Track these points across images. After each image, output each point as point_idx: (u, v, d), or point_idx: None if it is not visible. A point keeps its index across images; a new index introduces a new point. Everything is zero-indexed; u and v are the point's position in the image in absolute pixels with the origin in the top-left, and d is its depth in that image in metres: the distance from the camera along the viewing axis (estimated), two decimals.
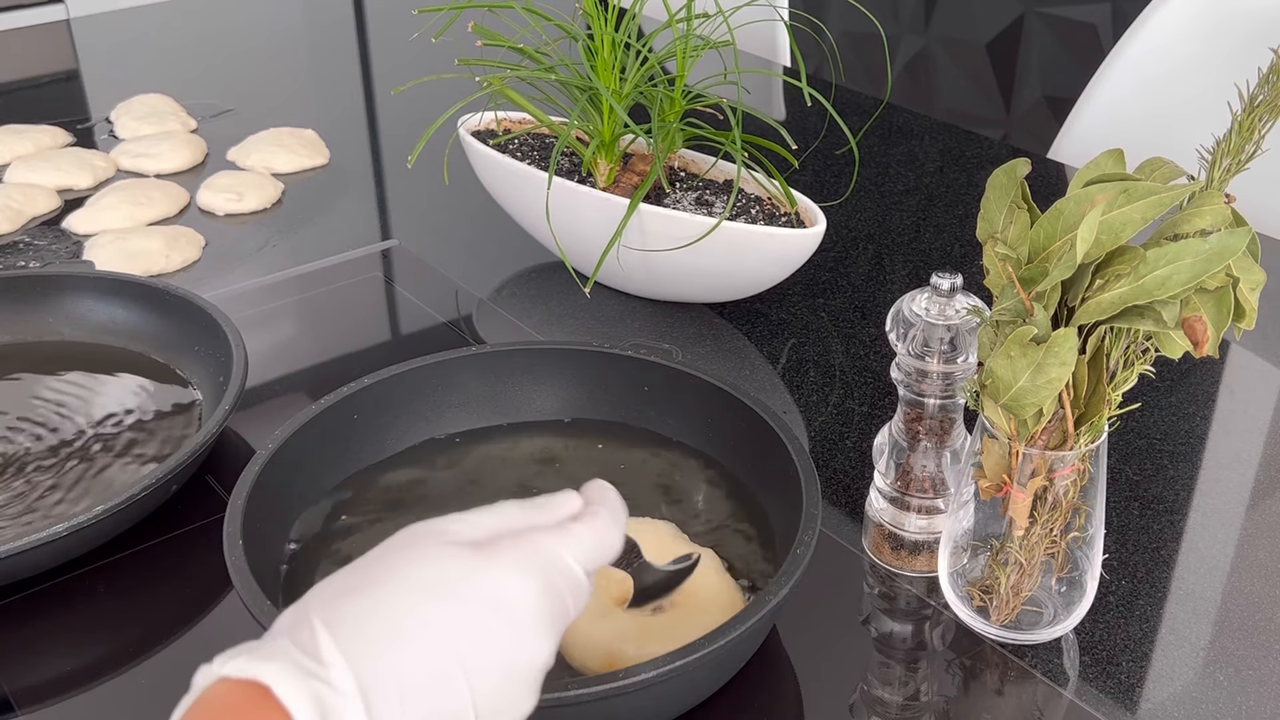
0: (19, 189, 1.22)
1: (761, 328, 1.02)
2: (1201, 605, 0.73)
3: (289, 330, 1.04)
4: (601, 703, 0.57)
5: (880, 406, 0.91)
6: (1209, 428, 0.89)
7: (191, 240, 1.13)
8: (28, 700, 0.67)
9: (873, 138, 1.38)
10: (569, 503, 0.52)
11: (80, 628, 0.72)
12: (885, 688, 0.68)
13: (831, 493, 0.82)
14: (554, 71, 1.00)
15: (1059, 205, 0.59)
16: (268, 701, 0.41)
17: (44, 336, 0.96)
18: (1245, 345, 0.99)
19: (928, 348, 0.68)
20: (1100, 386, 0.62)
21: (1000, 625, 0.69)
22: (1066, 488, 0.64)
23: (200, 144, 1.35)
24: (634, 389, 0.82)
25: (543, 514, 0.51)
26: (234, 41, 1.76)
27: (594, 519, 0.51)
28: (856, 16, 2.51)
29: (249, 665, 0.42)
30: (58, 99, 1.54)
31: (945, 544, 0.70)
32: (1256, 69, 0.59)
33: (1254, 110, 0.59)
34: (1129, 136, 1.27)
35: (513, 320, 1.04)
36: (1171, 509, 0.81)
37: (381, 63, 1.69)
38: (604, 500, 0.52)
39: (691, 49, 0.99)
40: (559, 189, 0.98)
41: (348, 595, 0.45)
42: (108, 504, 0.72)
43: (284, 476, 0.73)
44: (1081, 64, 2.24)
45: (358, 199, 1.26)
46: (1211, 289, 0.58)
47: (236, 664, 0.42)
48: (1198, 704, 0.66)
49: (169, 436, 0.85)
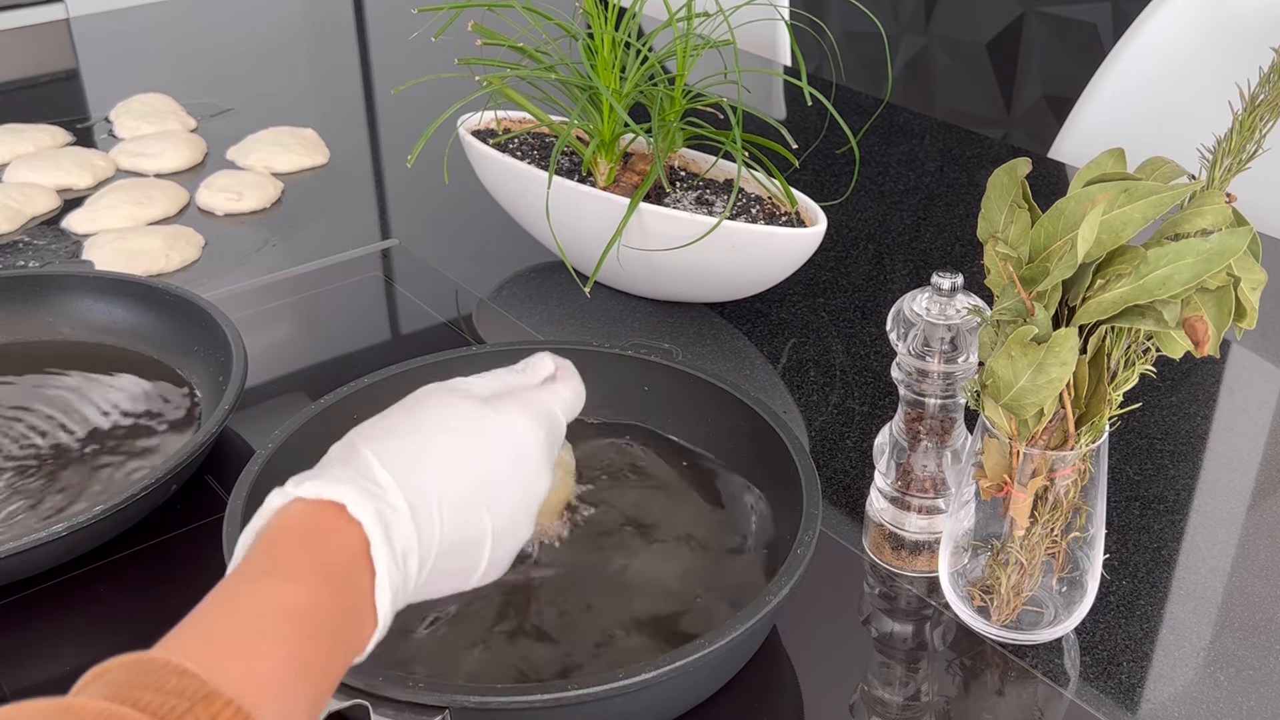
0: (18, 188, 1.21)
1: (761, 328, 1.02)
2: (1202, 605, 0.73)
3: (289, 330, 1.04)
4: (601, 703, 0.57)
5: (881, 406, 0.91)
6: (1210, 427, 0.89)
7: (191, 240, 1.13)
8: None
9: (873, 137, 1.38)
10: (544, 365, 0.64)
11: (80, 628, 0.72)
12: (885, 688, 0.68)
13: (831, 493, 0.82)
14: (554, 71, 1.00)
15: (1060, 205, 0.59)
16: (342, 516, 0.49)
17: (43, 336, 0.96)
18: (1246, 345, 0.99)
19: (928, 347, 0.68)
20: (1101, 386, 0.62)
21: (1001, 625, 0.69)
22: (1067, 488, 0.64)
23: (200, 143, 1.34)
24: (634, 389, 0.82)
25: (528, 375, 0.63)
26: (234, 41, 1.76)
27: (570, 379, 0.64)
28: (857, 16, 2.51)
29: (324, 487, 0.49)
30: (57, 98, 1.54)
31: (946, 544, 0.70)
32: (1257, 68, 0.59)
33: (1255, 109, 0.59)
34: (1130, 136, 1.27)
35: (513, 320, 1.04)
36: (1172, 509, 0.81)
37: (381, 62, 1.69)
38: (568, 365, 0.65)
39: (692, 48, 0.99)
40: (559, 188, 0.98)
41: (391, 434, 0.54)
42: (107, 504, 0.72)
43: (284, 476, 0.72)
44: (1082, 63, 2.24)
45: (357, 199, 1.26)
46: (1212, 288, 0.58)
47: (311, 486, 0.49)
48: (1198, 704, 0.66)
49: (169, 436, 0.85)
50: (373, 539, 0.48)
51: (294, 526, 0.49)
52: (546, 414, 0.60)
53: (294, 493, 0.50)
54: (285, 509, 0.50)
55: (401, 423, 0.55)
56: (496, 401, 0.58)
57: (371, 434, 0.54)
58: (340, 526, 0.49)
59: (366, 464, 0.52)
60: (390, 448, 0.53)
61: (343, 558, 0.48)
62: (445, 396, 0.57)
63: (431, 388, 0.59)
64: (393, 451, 0.52)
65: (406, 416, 0.56)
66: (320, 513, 0.49)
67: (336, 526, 0.49)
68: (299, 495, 0.49)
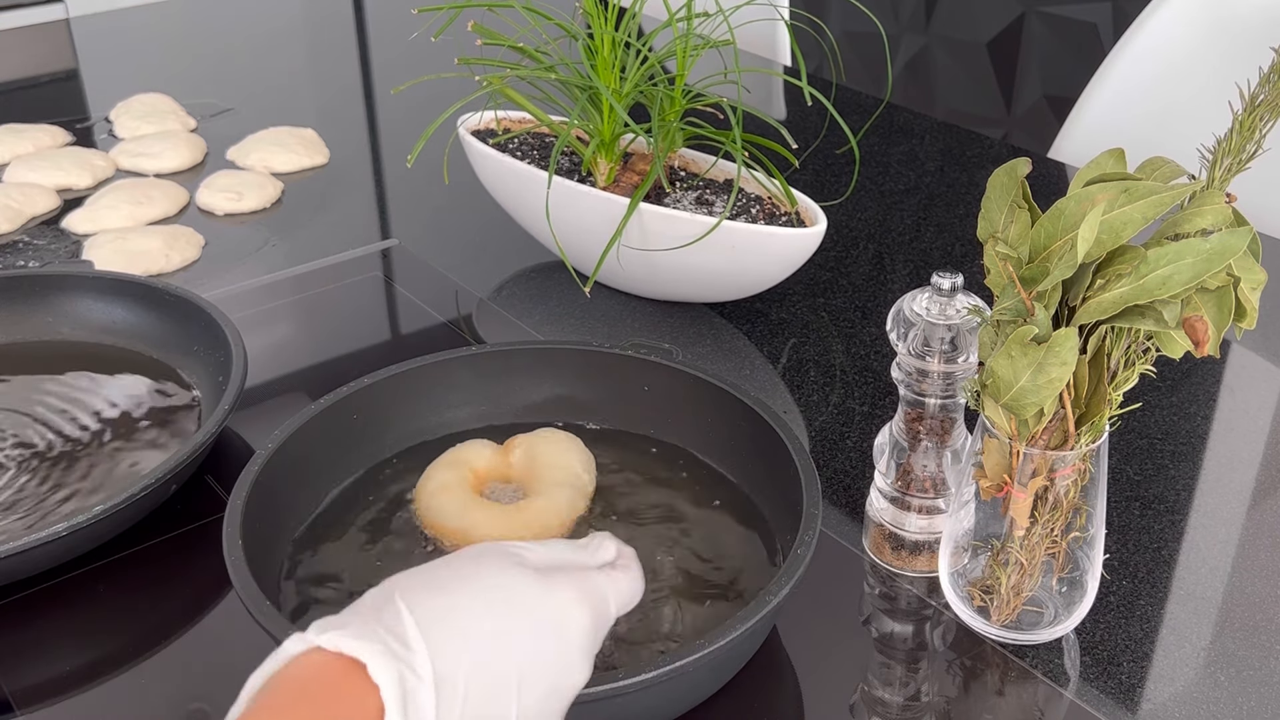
0: (18, 188, 1.21)
1: (761, 328, 1.02)
2: (1202, 605, 0.73)
3: (289, 330, 1.04)
4: (601, 703, 0.57)
5: (881, 406, 0.91)
6: (1210, 427, 0.89)
7: (191, 240, 1.13)
8: (27, 700, 0.67)
9: (873, 137, 1.38)
10: (607, 549, 0.58)
11: (80, 628, 0.72)
12: (885, 688, 0.68)
13: (831, 493, 0.82)
14: (554, 71, 1.00)
15: (1060, 205, 0.59)
16: (360, 676, 0.45)
17: (43, 336, 0.96)
18: (1246, 345, 0.99)
19: (928, 347, 0.68)
20: (1101, 386, 0.62)
21: (1001, 625, 0.69)
22: (1067, 488, 0.64)
23: (200, 143, 1.34)
24: (634, 389, 0.82)
25: (587, 555, 0.57)
26: (234, 40, 1.76)
27: (629, 569, 0.57)
28: (857, 16, 2.51)
29: (346, 641, 0.46)
30: (57, 98, 1.54)
31: (946, 544, 0.70)
32: (1257, 68, 0.59)
33: (1255, 109, 0.59)
34: (1130, 136, 1.27)
35: (513, 320, 1.04)
36: (1172, 509, 0.81)
37: (381, 62, 1.69)
38: (632, 554, 0.59)
39: (692, 48, 0.99)
40: (559, 188, 0.98)
41: (432, 591, 0.50)
42: (107, 504, 0.72)
43: (283, 476, 0.73)
44: (1082, 63, 2.24)
45: (357, 199, 1.26)
46: (1212, 288, 0.58)
47: (333, 637, 0.46)
48: (1199, 704, 0.66)
49: (168, 436, 0.85)
50: (389, 709, 0.45)
51: (305, 681, 0.46)
52: (600, 601, 0.54)
53: (314, 641, 0.46)
54: (301, 657, 0.47)
55: (444, 578, 0.51)
56: (553, 578, 0.53)
57: (410, 585, 0.50)
58: (355, 687, 0.45)
59: (397, 617, 0.48)
60: (427, 605, 0.49)
61: None
62: (497, 559, 0.53)
63: (485, 547, 0.54)
64: (428, 610, 0.49)
65: (452, 572, 0.52)
66: (338, 668, 0.46)
67: (351, 687, 0.45)
68: (319, 644, 0.46)
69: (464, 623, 0.49)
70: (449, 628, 0.48)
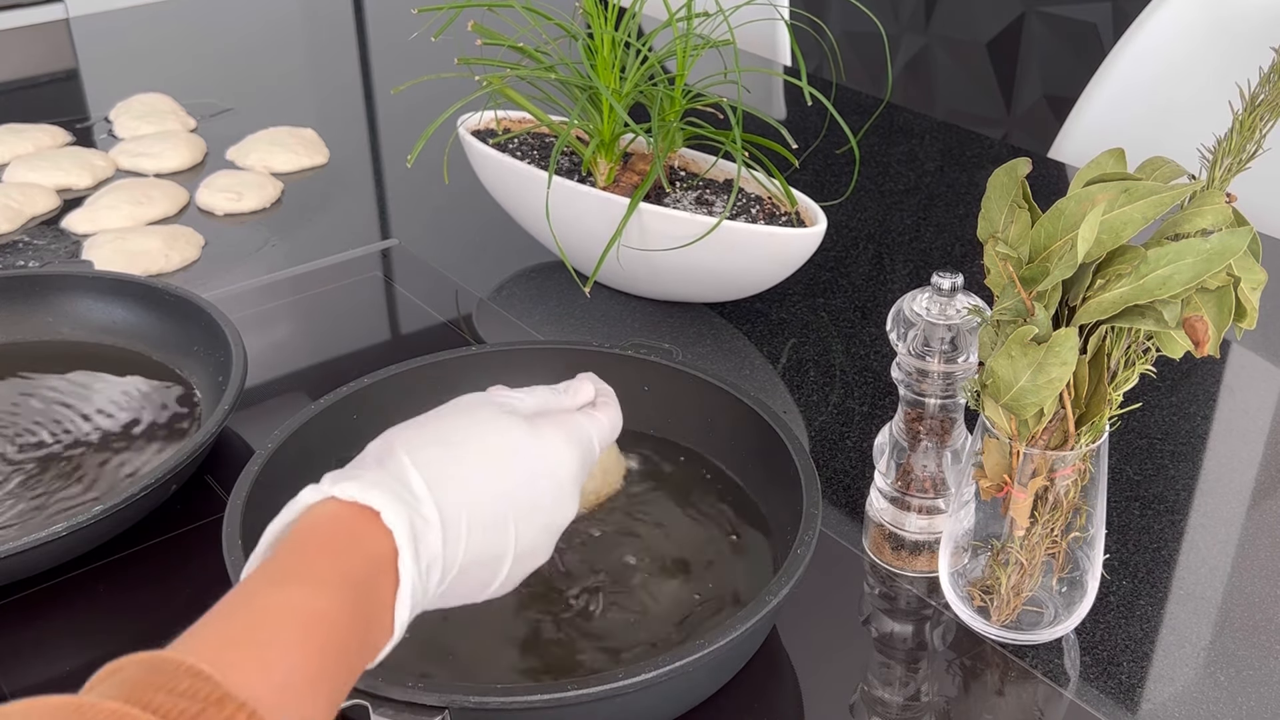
0: (18, 188, 1.21)
1: (761, 328, 1.02)
2: (1202, 605, 0.73)
3: (288, 330, 1.04)
4: (601, 703, 0.57)
5: (880, 406, 0.91)
6: (1210, 427, 0.89)
7: (191, 240, 1.13)
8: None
9: (873, 137, 1.38)
10: (585, 390, 0.62)
11: (80, 628, 0.72)
12: (885, 688, 0.68)
13: (831, 493, 0.82)
14: (554, 71, 1.00)
15: (1060, 205, 0.59)
16: (374, 522, 0.49)
17: (43, 336, 0.96)
18: (1246, 345, 0.99)
19: (928, 347, 0.68)
20: (1101, 386, 0.62)
21: (1001, 625, 0.69)
22: (1067, 488, 0.64)
23: (199, 143, 1.34)
24: (634, 389, 0.82)
25: (569, 398, 0.62)
26: (233, 40, 1.76)
27: (609, 407, 0.62)
28: (857, 16, 2.51)
29: (361, 491, 0.49)
30: (57, 98, 1.54)
31: (946, 544, 0.70)
32: (1257, 68, 0.59)
33: (1255, 109, 0.59)
34: (1130, 136, 1.27)
35: (513, 320, 1.04)
36: (1172, 509, 0.81)
37: (381, 62, 1.69)
38: (609, 392, 0.64)
39: (692, 48, 0.99)
40: (559, 188, 0.98)
41: (430, 441, 0.54)
42: (107, 504, 0.72)
43: (283, 476, 0.73)
44: (1082, 63, 2.24)
45: (357, 198, 1.26)
46: (1213, 288, 0.58)
47: (348, 488, 0.49)
48: (1199, 704, 0.66)
49: (168, 436, 0.85)
50: (402, 551, 0.48)
51: (324, 527, 0.49)
52: (584, 440, 0.59)
53: (329, 491, 0.50)
54: (317, 507, 0.50)
55: (441, 430, 0.55)
56: (537, 422, 0.57)
57: (410, 439, 0.54)
58: (371, 533, 0.49)
59: (402, 469, 0.52)
60: (428, 456, 0.53)
61: (368, 566, 0.48)
62: (487, 409, 0.57)
63: (474, 397, 0.58)
64: (430, 461, 0.52)
65: (447, 424, 0.56)
66: (353, 516, 0.49)
67: (367, 532, 0.49)
68: (334, 495, 0.49)
69: (464, 471, 0.53)
70: (450, 475, 0.52)
